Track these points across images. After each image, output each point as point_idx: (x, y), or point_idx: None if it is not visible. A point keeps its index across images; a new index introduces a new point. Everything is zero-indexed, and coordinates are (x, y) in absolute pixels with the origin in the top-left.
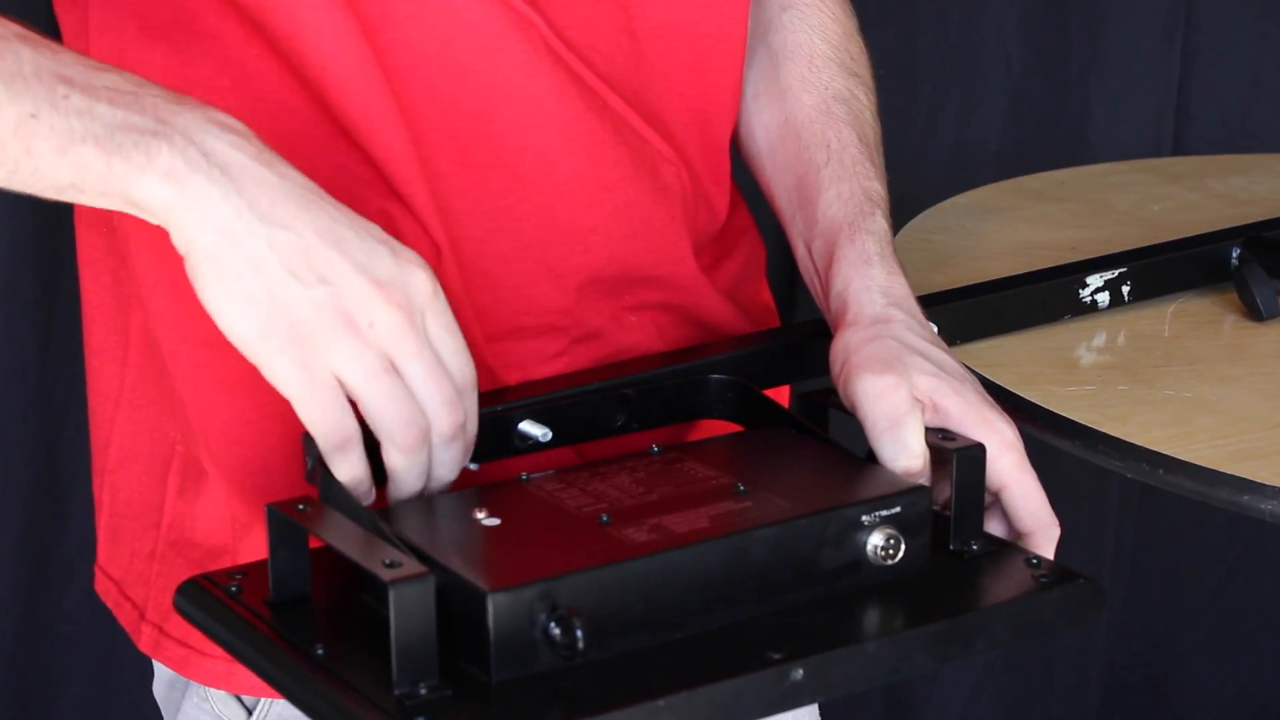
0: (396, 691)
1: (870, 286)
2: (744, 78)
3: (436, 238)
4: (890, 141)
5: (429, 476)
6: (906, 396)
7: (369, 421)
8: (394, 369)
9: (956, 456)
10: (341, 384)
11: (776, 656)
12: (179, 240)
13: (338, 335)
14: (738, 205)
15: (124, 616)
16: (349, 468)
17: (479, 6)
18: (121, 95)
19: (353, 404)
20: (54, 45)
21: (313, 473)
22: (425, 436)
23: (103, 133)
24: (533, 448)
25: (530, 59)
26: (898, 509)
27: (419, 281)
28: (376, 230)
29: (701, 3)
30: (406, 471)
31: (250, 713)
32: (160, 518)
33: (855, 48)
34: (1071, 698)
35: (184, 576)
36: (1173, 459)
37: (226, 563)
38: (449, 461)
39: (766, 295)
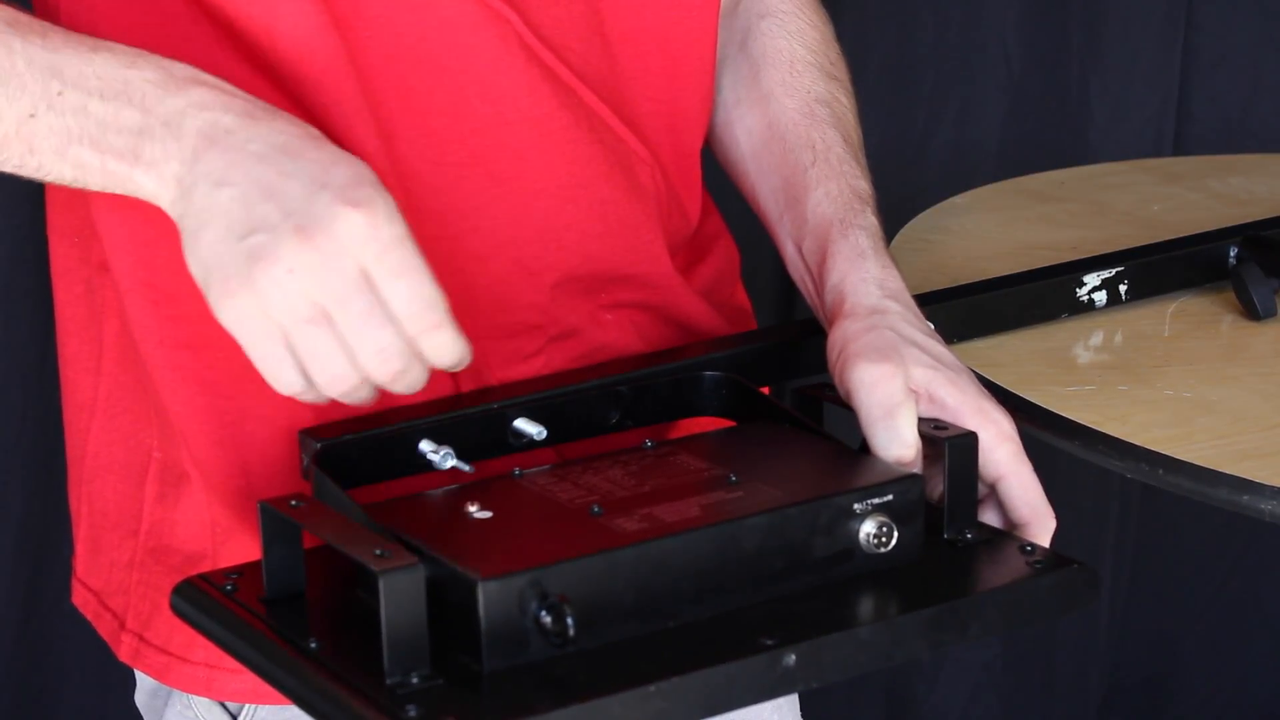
0: (388, 681)
1: (866, 279)
2: (724, 86)
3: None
4: (890, 141)
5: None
6: (901, 386)
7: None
8: (326, 318)
9: (948, 445)
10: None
11: (769, 642)
12: (171, 215)
13: (263, 284)
14: (710, 212)
15: (103, 627)
16: (316, 397)
17: (451, 2)
18: (111, 85)
19: None
20: (42, 26)
21: (308, 470)
22: (360, 384)
23: (96, 132)
24: (527, 445)
25: (503, 55)
26: (890, 497)
27: (350, 224)
28: (342, 173)
29: (670, 8)
30: (350, 399)
31: (234, 718)
32: (139, 525)
33: (834, 53)
34: (1071, 698)
35: (164, 583)
36: (1173, 459)
37: (206, 568)
38: (404, 390)
39: (742, 298)
